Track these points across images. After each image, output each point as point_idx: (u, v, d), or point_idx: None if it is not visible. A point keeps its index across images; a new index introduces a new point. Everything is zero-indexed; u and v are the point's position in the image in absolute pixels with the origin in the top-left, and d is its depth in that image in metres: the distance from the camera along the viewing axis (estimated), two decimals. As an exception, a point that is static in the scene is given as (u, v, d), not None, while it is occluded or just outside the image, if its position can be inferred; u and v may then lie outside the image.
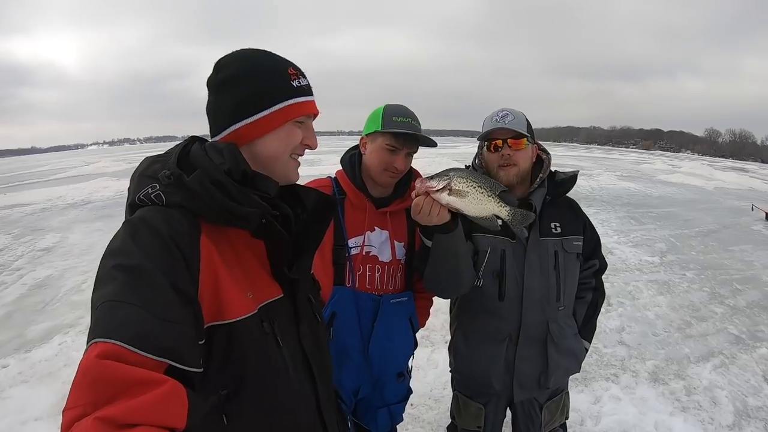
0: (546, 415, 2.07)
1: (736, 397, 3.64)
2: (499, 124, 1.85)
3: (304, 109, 1.07)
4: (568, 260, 1.95)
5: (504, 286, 1.90)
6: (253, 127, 1.03)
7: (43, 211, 12.40)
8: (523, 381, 1.97)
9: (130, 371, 0.67)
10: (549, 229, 1.93)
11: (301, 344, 1.09)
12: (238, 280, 0.96)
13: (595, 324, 2.12)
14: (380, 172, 1.84)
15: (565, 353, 1.98)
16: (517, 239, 1.89)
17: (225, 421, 0.92)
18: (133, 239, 0.83)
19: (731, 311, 5.44)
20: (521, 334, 1.93)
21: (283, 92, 1.04)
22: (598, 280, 2.12)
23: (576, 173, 2.02)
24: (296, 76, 1.07)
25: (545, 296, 1.91)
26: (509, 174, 1.86)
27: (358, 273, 1.89)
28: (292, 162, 1.10)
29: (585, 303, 2.07)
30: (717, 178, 22.56)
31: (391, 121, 1.80)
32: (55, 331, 4.69)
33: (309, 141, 1.10)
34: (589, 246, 2.05)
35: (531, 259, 1.90)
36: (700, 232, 9.84)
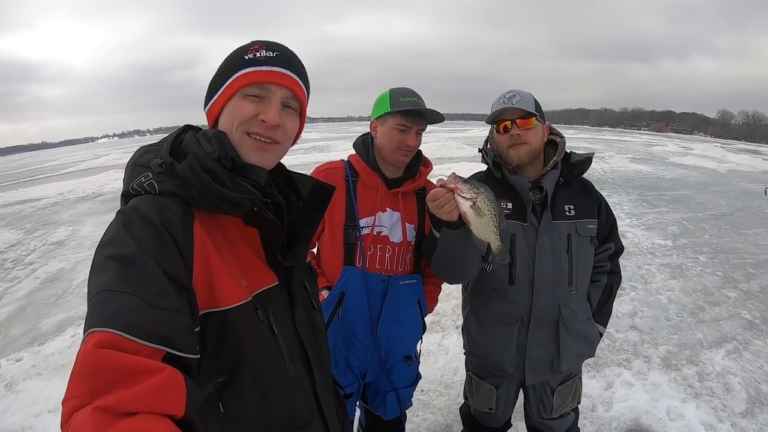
0: (557, 399, 2.08)
1: (749, 384, 3.61)
2: (507, 104, 1.86)
3: (247, 78, 1.01)
4: (581, 244, 1.94)
5: (514, 269, 1.90)
6: (212, 108, 1.06)
7: (54, 205, 12.53)
8: (535, 364, 1.98)
9: (128, 359, 0.67)
10: (562, 212, 1.92)
11: (297, 332, 1.10)
12: (231, 267, 0.96)
13: (610, 308, 2.12)
14: (393, 150, 1.87)
15: (577, 337, 1.97)
16: (528, 222, 1.89)
17: (221, 408, 0.93)
18: (126, 229, 0.84)
19: (745, 296, 5.38)
20: (532, 318, 1.93)
21: (233, 67, 1.03)
22: (613, 263, 2.10)
23: (591, 155, 2.01)
24: (256, 50, 1.03)
25: (557, 280, 1.91)
26: (520, 153, 1.87)
27: (368, 253, 1.91)
28: (247, 140, 1.02)
29: (600, 287, 2.06)
30: (730, 161, 22.28)
31: (399, 101, 1.84)
32: (68, 324, 4.75)
33: (265, 117, 1.01)
34: (605, 229, 2.03)
35: (542, 243, 1.89)
36: (713, 215, 9.73)
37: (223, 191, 0.91)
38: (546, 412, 2.10)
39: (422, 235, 2.00)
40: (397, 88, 1.92)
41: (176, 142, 1.01)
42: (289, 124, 1.07)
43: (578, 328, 1.97)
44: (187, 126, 1.09)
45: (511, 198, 1.92)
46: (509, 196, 1.92)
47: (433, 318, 4.36)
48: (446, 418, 3.14)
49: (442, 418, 3.16)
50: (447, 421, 3.11)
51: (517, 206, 1.91)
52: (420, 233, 1.99)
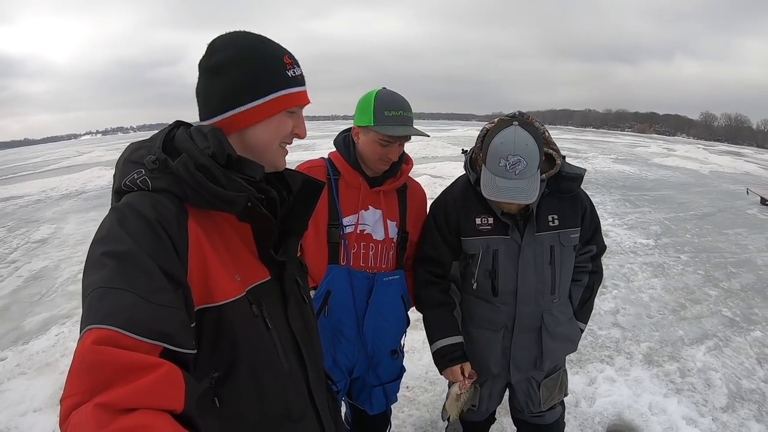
0: (544, 392, 2.10)
1: (730, 380, 3.67)
2: (508, 174, 1.68)
3: (297, 99, 1.07)
4: (564, 253, 1.93)
5: (497, 283, 1.92)
6: (246, 115, 1.03)
7: (37, 202, 12.35)
8: (519, 364, 2.01)
9: (126, 356, 0.67)
10: (546, 223, 1.89)
11: (290, 326, 1.10)
12: (225, 263, 0.97)
13: (591, 305, 2.15)
14: (375, 161, 1.86)
15: (559, 339, 2.01)
16: (510, 236, 1.88)
17: (217, 403, 0.93)
18: (120, 225, 0.83)
19: (726, 294, 5.48)
20: (516, 325, 1.96)
21: (278, 82, 1.03)
22: (595, 263, 2.11)
23: (582, 173, 1.91)
24: (291, 66, 1.06)
25: (540, 290, 1.92)
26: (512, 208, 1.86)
27: (352, 251, 1.92)
28: (282, 151, 1.10)
29: (581, 286, 2.08)
30: (712, 162, 22.55)
31: (383, 116, 1.79)
32: (51, 322, 4.69)
33: (298, 130, 1.10)
34: (588, 232, 2.02)
35: (525, 256, 1.89)
36: (694, 215, 9.87)
37: (217, 190, 0.91)
38: (534, 406, 2.12)
39: (404, 231, 2.01)
40: (383, 95, 1.84)
41: (168, 138, 1.00)
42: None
43: (560, 330, 2.00)
44: (178, 122, 1.08)
45: (493, 212, 1.90)
46: (491, 209, 1.90)
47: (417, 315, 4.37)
48: (431, 414, 3.16)
49: (428, 413, 3.17)
50: (432, 417, 3.13)
51: (498, 220, 1.89)
52: (402, 230, 2.01)
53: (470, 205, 1.94)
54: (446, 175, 12.99)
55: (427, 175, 12.12)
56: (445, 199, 2.02)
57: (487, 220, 1.90)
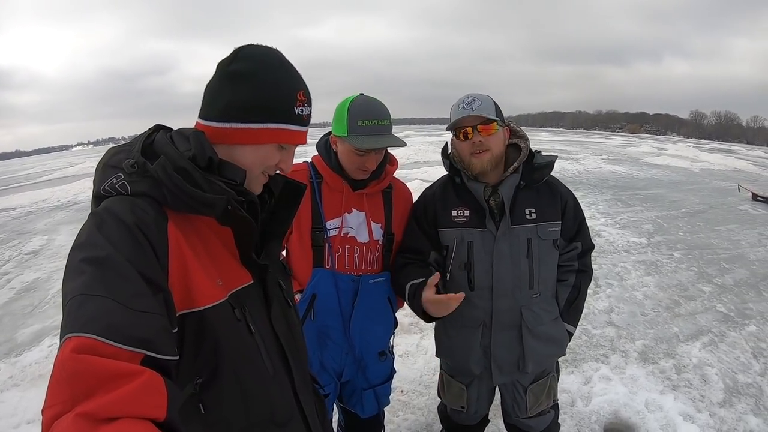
0: (531, 398, 2.07)
1: (726, 374, 3.68)
2: (467, 111, 1.82)
3: (293, 138, 1.06)
4: (542, 247, 1.92)
5: (473, 275, 1.91)
6: (238, 133, 1.02)
7: (29, 214, 12.27)
8: (501, 365, 1.98)
9: (107, 364, 0.66)
10: (522, 216, 1.90)
11: (274, 330, 1.10)
12: (206, 267, 0.96)
13: (580, 307, 2.10)
14: (353, 170, 1.85)
15: (542, 339, 1.97)
16: (486, 228, 1.89)
17: (202, 409, 0.92)
18: (99, 230, 0.82)
19: (719, 290, 5.50)
20: (494, 322, 1.94)
21: (281, 115, 1.02)
22: (581, 262, 2.07)
23: (554, 159, 1.97)
24: (302, 103, 1.05)
25: (516, 285, 1.90)
26: (482, 161, 1.86)
27: (336, 254, 1.91)
28: (261, 178, 1.09)
29: (567, 286, 2.05)
30: (703, 160, 22.68)
31: (356, 126, 1.76)
32: (44, 334, 4.66)
33: (284, 165, 1.10)
34: (572, 228, 2.01)
35: (500, 248, 1.89)
36: (686, 212, 9.92)
37: (195, 192, 0.90)
38: (521, 411, 2.09)
39: (390, 233, 2.01)
40: (357, 103, 1.80)
41: (147, 142, 0.99)
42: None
43: (542, 330, 1.96)
44: (158, 126, 1.07)
45: (470, 204, 1.92)
46: (468, 202, 1.93)
47: (411, 319, 4.37)
48: (426, 417, 3.15)
49: (423, 417, 3.17)
50: (427, 420, 3.12)
51: (475, 212, 1.91)
52: (387, 232, 2.00)
53: (448, 197, 1.98)
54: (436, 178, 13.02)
55: (419, 180, 12.13)
56: (424, 194, 2.07)
57: (463, 212, 1.93)
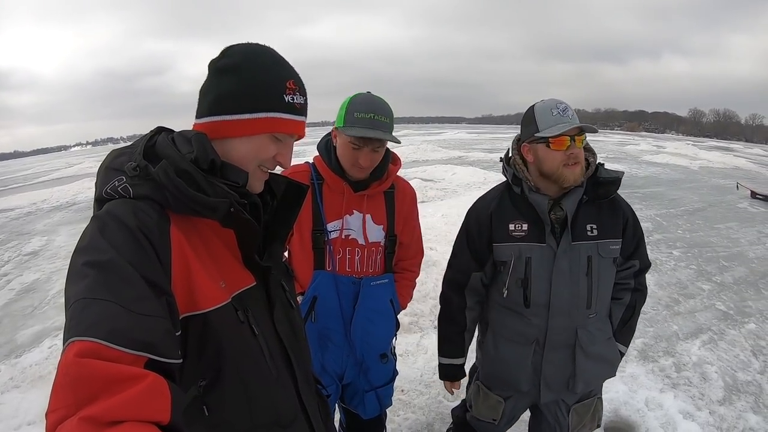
0: (574, 417, 1.99)
1: (726, 372, 3.70)
2: (564, 119, 1.72)
3: (286, 126, 1.03)
4: (602, 265, 1.82)
5: (529, 292, 1.83)
6: (228, 125, 1.01)
7: (28, 215, 12.26)
8: (551, 382, 1.91)
9: (110, 368, 0.66)
10: (584, 232, 1.79)
11: (277, 331, 1.09)
12: (209, 270, 0.95)
13: (633, 327, 2.03)
14: (349, 166, 1.83)
15: (595, 359, 1.88)
16: (546, 243, 1.80)
17: (206, 412, 0.92)
18: (101, 234, 0.82)
19: (718, 288, 5.52)
20: (547, 340, 1.86)
21: (269, 102, 1.01)
22: (637, 281, 1.98)
23: (620, 176, 1.84)
24: (293, 92, 1.03)
25: (574, 304, 1.81)
26: (575, 173, 1.74)
27: (337, 257, 1.90)
28: (259, 173, 1.06)
29: (622, 305, 1.96)
30: (702, 158, 22.71)
31: (353, 117, 1.75)
32: (44, 335, 4.65)
33: (281, 159, 1.07)
34: (630, 246, 1.90)
35: (560, 266, 1.79)
36: (686, 210, 9.95)
37: (198, 195, 0.90)
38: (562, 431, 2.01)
39: (392, 234, 1.98)
40: (357, 97, 1.80)
41: (149, 144, 0.99)
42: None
43: (596, 350, 1.88)
44: (160, 128, 1.07)
45: (528, 217, 1.82)
46: (527, 215, 1.83)
47: (411, 318, 4.38)
48: (427, 417, 3.15)
49: (423, 416, 3.17)
50: (428, 420, 3.12)
51: (534, 226, 1.81)
52: (389, 233, 1.98)
53: (505, 210, 1.88)
54: (437, 178, 13.01)
55: (418, 179, 12.15)
56: (478, 205, 1.97)
57: (521, 226, 1.83)
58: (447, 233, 6.83)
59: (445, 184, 12.58)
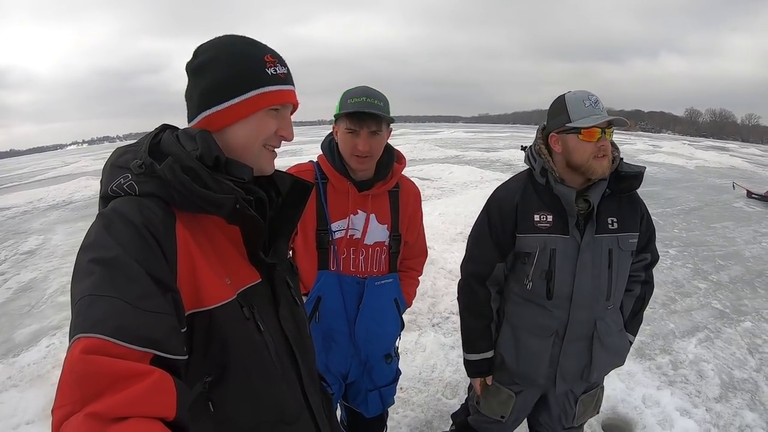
0: (580, 407, 2.04)
1: (722, 370, 3.72)
2: (596, 111, 1.72)
3: (277, 97, 1.03)
4: (622, 258, 1.85)
5: (553, 284, 1.84)
6: (223, 114, 1.01)
7: (24, 213, 12.20)
8: (566, 374, 1.93)
9: (116, 364, 0.66)
10: (605, 225, 1.81)
11: (282, 328, 1.09)
12: (215, 266, 0.95)
13: (641, 318, 2.07)
14: (349, 157, 1.82)
15: (610, 350, 1.92)
16: (570, 236, 1.80)
17: (211, 408, 0.92)
18: (107, 231, 0.82)
19: (715, 286, 5.54)
20: (567, 332, 1.88)
21: (255, 80, 1.01)
22: (648, 273, 2.03)
23: (642, 170, 1.86)
24: (273, 64, 1.04)
25: (595, 296, 1.84)
26: (604, 165, 1.74)
27: (342, 257, 1.89)
28: (266, 152, 1.07)
29: (633, 297, 2.00)
30: (698, 157, 22.79)
31: (347, 104, 1.77)
32: (42, 334, 4.64)
33: (284, 132, 1.07)
34: (644, 239, 1.94)
35: (584, 258, 1.81)
36: (682, 210, 9.98)
37: (204, 192, 0.90)
38: (567, 421, 2.05)
39: (396, 234, 1.97)
40: (351, 88, 1.83)
41: (154, 141, 0.99)
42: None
43: (611, 340, 1.92)
44: (165, 125, 1.07)
45: (553, 209, 1.82)
46: (551, 206, 1.83)
47: (409, 317, 4.38)
48: (426, 414, 3.16)
49: (422, 414, 3.17)
50: (427, 417, 3.13)
51: (559, 218, 1.81)
52: (394, 232, 1.97)
53: (529, 200, 1.87)
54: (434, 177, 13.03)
55: (415, 178, 12.14)
56: (501, 195, 1.96)
57: (547, 217, 1.83)
58: (444, 232, 6.84)
59: (442, 183, 12.60)
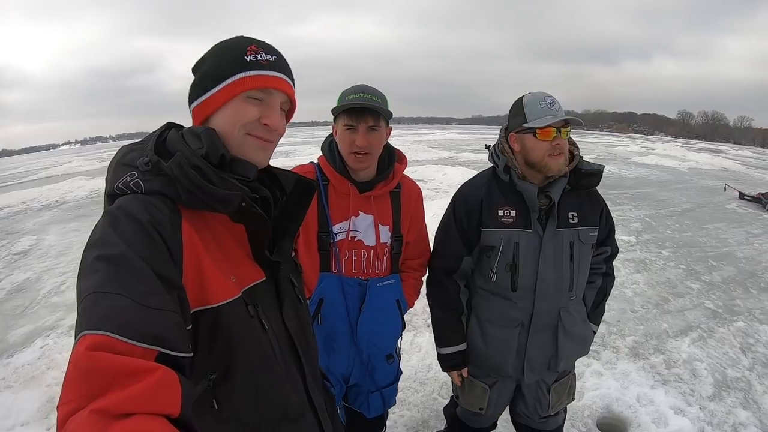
0: (554, 396, 2.11)
1: (716, 369, 3.75)
2: (551, 111, 1.78)
3: (254, 82, 1.01)
4: (582, 251, 1.94)
5: (517, 277, 1.91)
6: (204, 105, 1.03)
7: (17, 213, 12.09)
8: (534, 364, 2.00)
9: (121, 361, 0.66)
10: (566, 219, 1.90)
11: (286, 326, 1.10)
12: (220, 264, 0.96)
13: (603, 308, 2.15)
14: (347, 155, 1.81)
15: (574, 339, 2.00)
16: (533, 230, 1.88)
17: (215, 405, 0.93)
18: (113, 229, 0.83)
19: (707, 287, 5.58)
20: (533, 322, 1.95)
21: (232, 67, 1.01)
22: (608, 265, 2.12)
23: (601, 169, 1.95)
24: (255, 52, 1.03)
25: (558, 287, 1.92)
26: (559, 163, 1.82)
27: (343, 258, 1.88)
28: (250, 140, 1.03)
29: (595, 288, 2.08)
30: (690, 159, 22.92)
31: (344, 100, 1.79)
32: (36, 334, 4.61)
33: (268, 120, 1.03)
34: (603, 233, 2.03)
35: (546, 251, 1.89)
36: (674, 211, 10.03)
37: (212, 189, 0.91)
38: (543, 410, 2.12)
39: (397, 235, 1.97)
40: (349, 87, 1.84)
41: (160, 139, 1.00)
42: (282, 126, 1.08)
43: (575, 330, 2.00)
44: (170, 124, 1.08)
45: (516, 204, 1.90)
46: (514, 202, 1.90)
47: (409, 318, 4.39)
48: (422, 414, 3.18)
49: (419, 414, 3.19)
50: (423, 417, 3.14)
51: (521, 213, 1.89)
52: (395, 233, 1.97)
53: (493, 196, 1.94)
54: (428, 178, 13.04)
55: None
56: (467, 191, 2.02)
57: (510, 212, 1.90)
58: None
59: (436, 184, 12.59)
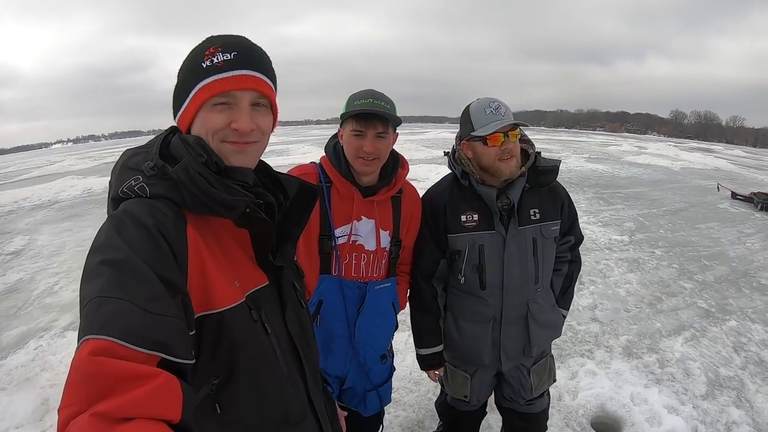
0: (535, 378, 2.19)
1: (708, 368, 3.78)
2: (497, 117, 1.85)
3: (211, 89, 0.98)
4: (546, 245, 2.02)
5: (485, 276, 1.99)
6: (182, 119, 1.04)
7: (9, 213, 12.01)
8: (509, 353, 2.09)
9: (123, 366, 0.66)
10: (528, 217, 1.97)
11: (288, 331, 1.10)
12: (224, 269, 0.96)
13: (572, 293, 2.25)
14: (354, 159, 1.80)
15: (544, 326, 2.10)
16: (495, 231, 1.96)
17: (218, 409, 0.93)
18: (118, 233, 0.82)
19: (700, 286, 5.62)
20: (504, 316, 2.04)
21: (193, 77, 1.00)
22: (573, 253, 2.22)
23: (557, 164, 2.01)
24: (211, 54, 0.99)
25: (524, 282, 2.00)
26: (510, 166, 1.89)
27: (344, 262, 1.89)
28: (226, 146, 1.01)
29: (561, 275, 2.18)
30: (683, 159, 23.03)
31: (353, 105, 1.78)
32: (29, 336, 4.58)
33: (237, 125, 0.99)
34: (566, 224, 2.12)
35: (510, 250, 1.97)
36: (667, 211, 10.08)
37: (217, 194, 0.91)
38: (526, 393, 2.19)
39: (396, 240, 1.99)
40: (358, 91, 1.84)
41: (164, 144, 1.00)
42: (263, 122, 1.05)
43: (545, 318, 2.09)
44: (174, 128, 1.08)
45: (478, 207, 1.97)
46: (476, 205, 1.97)
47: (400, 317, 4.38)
48: (417, 414, 3.19)
49: (414, 414, 3.20)
50: (419, 417, 3.15)
51: (484, 216, 1.97)
52: (394, 238, 1.98)
53: (456, 203, 2.00)
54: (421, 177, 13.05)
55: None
56: (431, 197, 2.09)
57: (472, 216, 1.97)
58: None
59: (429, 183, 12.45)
